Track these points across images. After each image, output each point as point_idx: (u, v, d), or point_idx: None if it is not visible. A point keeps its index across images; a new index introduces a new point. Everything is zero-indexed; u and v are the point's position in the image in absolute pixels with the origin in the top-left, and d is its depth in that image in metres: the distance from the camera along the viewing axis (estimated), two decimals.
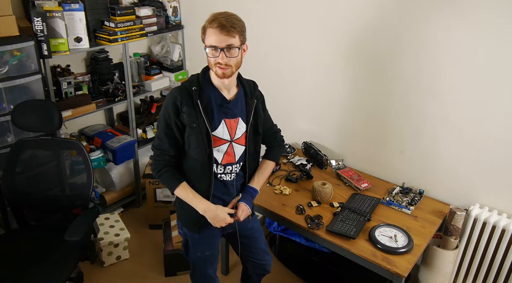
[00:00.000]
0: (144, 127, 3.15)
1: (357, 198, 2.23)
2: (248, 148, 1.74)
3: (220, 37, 1.51)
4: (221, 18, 1.52)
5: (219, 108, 1.65)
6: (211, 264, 1.92)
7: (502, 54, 1.90)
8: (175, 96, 1.61)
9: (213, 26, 1.52)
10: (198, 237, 1.80)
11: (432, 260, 2.13)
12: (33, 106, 2.16)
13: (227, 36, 1.51)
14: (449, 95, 2.11)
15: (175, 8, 3.11)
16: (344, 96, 2.51)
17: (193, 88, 1.61)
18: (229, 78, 1.60)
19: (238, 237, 1.86)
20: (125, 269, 2.67)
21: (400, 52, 2.20)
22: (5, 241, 2.15)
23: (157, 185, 2.93)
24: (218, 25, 1.50)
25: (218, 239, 1.89)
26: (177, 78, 3.25)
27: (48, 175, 2.26)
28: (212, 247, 1.87)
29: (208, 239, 1.83)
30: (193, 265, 1.93)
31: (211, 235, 1.82)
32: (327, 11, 2.40)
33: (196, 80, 1.65)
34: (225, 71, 1.56)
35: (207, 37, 1.55)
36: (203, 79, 1.65)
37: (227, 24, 1.50)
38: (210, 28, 1.53)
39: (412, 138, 2.31)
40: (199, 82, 1.64)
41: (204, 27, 1.56)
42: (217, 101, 1.65)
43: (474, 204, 2.17)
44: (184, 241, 1.87)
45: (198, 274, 1.95)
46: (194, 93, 1.61)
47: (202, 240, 1.82)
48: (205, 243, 1.83)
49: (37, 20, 2.26)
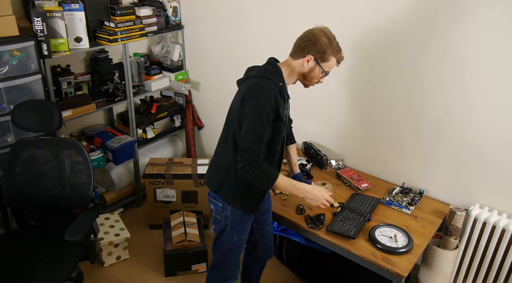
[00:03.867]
0: (144, 127, 3.15)
1: (357, 198, 2.23)
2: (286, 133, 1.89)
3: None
4: (343, 55, 1.77)
5: (286, 103, 1.81)
6: (242, 251, 1.96)
7: (502, 54, 1.90)
8: (273, 91, 1.64)
9: (339, 59, 1.76)
10: (240, 219, 1.84)
11: (432, 260, 2.14)
12: (33, 106, 2.15)
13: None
14: (449, 95, 2.11)
15: (175, 8, 3.11)
16: (344, 97, 2.51)
17: (279, 84, 1.69)
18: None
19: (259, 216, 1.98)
20: (125, 269, 2.67)
21: (400, 52, 2.20)
22: (5, 241, 2.15)
23: (157, 185, 2.93)
24: (340, 62, 1.78)
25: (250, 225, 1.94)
26: (177, 78, 3.25)
27: (48, 175, 2.26)
28: (247, 231, 1.93)
29: (248, 221, 1.89)
30: (223, 255, 1.92)
31: (250, 218, 1.89)
32: (327, 12, 2.40)
33: (278, 76, 1.73)
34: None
35: (330, 63, 1.73)
36: (281, 73, 1.75)
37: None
38: (336, 59, 1.75)
39: (412, 138, 2.31)
40: (281, 77, 1.74)
41: (330, 54, 1.71)
42: (287, 97, 1.80)
43: (474, 204, 2.17)
44: (224, 226, 1.85)
45: (225, 264, 1.94)
46: (282, 89, 1.71)
47: (243, 223, 1.86)
48: (245, 227, 1.88)
49: (37, 20, 2.26)
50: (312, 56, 1.70)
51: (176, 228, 2.67)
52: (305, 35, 1.73)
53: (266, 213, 2.04)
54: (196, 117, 3.44)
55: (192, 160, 3.10)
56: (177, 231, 2.64)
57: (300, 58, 1.72)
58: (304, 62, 1.71)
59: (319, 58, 1.70)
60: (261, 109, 1.60)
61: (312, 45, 1.69)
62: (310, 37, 1.70)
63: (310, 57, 1.70)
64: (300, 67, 1.74)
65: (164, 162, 3.05)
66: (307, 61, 1.71)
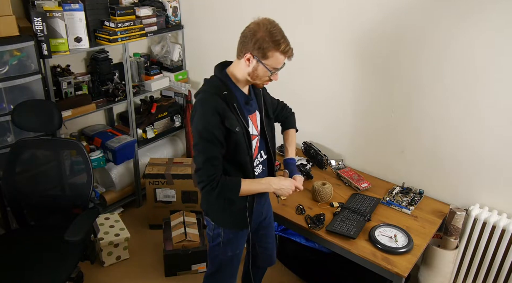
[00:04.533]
0: (144, 127, 3.15)
1: (357, 198, 2.23)
2: (267, 133, 1.77)
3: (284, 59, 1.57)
4: (291, 49, 1.55)
5: (245, 106, 1.66)
6: (238, 263, 1.93)
7: (502, 54, 1.90)
8: (215, 105, 1.55)
9: (286, 53, 1.55)
10: (234, 236, 1.80)
11: (432, 260, 2.13)
12: (33, 106, 2.16)
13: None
14: (449, 95, 2.11)
15: (175, 8, 3.11)
16: (344, 97, 2.51)
17: (224, 93, 1.58)
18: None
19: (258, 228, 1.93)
20: (125, 269, 2.67)
21: (400, 52, 2.20)
22: (5, 241, 2.15)
23: (157, 185, 2.93)
24: (290, 55, 1.56)
25: (246, 237, 1.89)
26: (177, 78, 3.25)
27: (48, 175, 2.26)
28: (243, 245, 1.90)
29: (242, 237, 1.85)
30: (219, 266, 1.89)
31: (244, 233, 1.85)
32: (327, 12, 2.40)
33: (221, 84, 1.61)
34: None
35: (274, 59, 1.53)
36: (226, 80, 1.63)
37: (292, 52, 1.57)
38: (282, 54, 1.54)
39: (412, 138, 2.31)
40: (225, 85, 1.61)
41: (270, 49, 1.51)
42: (242, 100, 1.65)
43: (474, 204, 2.17)
44: (217, 243, 1.83)
45: (221, 275, 1.92)
46: (228, 98, 1.58)
47: (237, 239, 1.83)
48: (238, 242, 1.85)
49: (37, 20, 2.26)
50: (251, 54, 1.53)
51: (176, 228, 2.67)
52: (243, 32, 1.57)
53: (267, 228, 1.98)
54: None
55: (192, 160, 3.10)
56: (177, 231, 2.64)
57: (242, 57, 1.57)
58: (245, 62, 1.56)
59: (259, 55, 1.52)
60: (202, 129, 1.54)
61: (249, 41, 1.52)
62: (247, 33, 1.54)
63: (250, 56, 1.53)
64: (243, 69, 1.59)
65: (164, 162, 3.05)
66: (247, 60, 1.55)
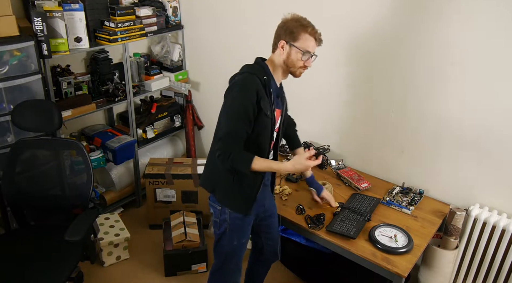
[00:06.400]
0: (144, 127, 3.15)
1: (357, 198, 2.23)
2: (280, 134, 1.89)
3: (315, 46, 1.73)
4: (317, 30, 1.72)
5: (276, 99, 1.77)
6: (243, 255, 1.95)
7: (501, 54, 1.90)
8: (256, 83, 1.66)
9: (313, 35, 1.70)
10: (240, 223, 1.83)
11: (432, 260, 2.14)
12: (33, 106, 2.15)
13: (318, 46, 1.74)
14: (449, 95, 2.11)
15: (175, 8, 3.11)
16: (344, 96, 2.51)
17: (264, 78, 1.70)
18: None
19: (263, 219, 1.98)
20: (125, 269, 2.67)
21: (400, 52, 2.20)
22: (5, 241, 2.15)
23: (157, 185, 2.93)
24: (318, 37, 1.71)
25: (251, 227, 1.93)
26: (177, 78, 3.25)
27: (48, 175, 2.26)
28: (248, 234, 1.92)
29: (248, 225, 1.88)
30: (224, 258, 1.92)
31: (250, 221, 1.88)
32: (326, 12, 2.39)
33: (263, 70, 1.73)
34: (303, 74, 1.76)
35: (304, 41, 1.68)
36: (266, 68, 1.75)
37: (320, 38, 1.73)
38: (311, 36, 1.69)
39: (412, 138, 2.31)
40: (266, 71, 1.73)
41: (298, 31, 1.68)
42: (275, 92, 1.76)
43: (474, 204, 2.17)
44: (223, 229, 1.86)
45: (226, 268, 1.93)
46: (267, 83, 1.70)
47: (242, 227, 1.85)
48: (244, 230, 1.87)
49: (37, 20, 2.26)
50: (284, 41, 1.70)
51: (176, 228, 2.67)
52: (276, 29, 1.76)
53: (270, 217, 2.02)
54: (196, 117, 3.44)
55: (192, 160, 3.10)
56: (177, 231, 2.64)
57: (277, 48, 1.73)
58: (280, 50, 1.71)
59: (290, 39, 1.69)
60: (240, 103, 1.64)
61: (281, 30, 1.71)
62: (279, 25, 1.74)
63: (283, 43, 1.70)
64: (279, 57, 1.73)
65: (164, 162, 3.05)
66: (281, 48, 1.70)
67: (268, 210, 1.99)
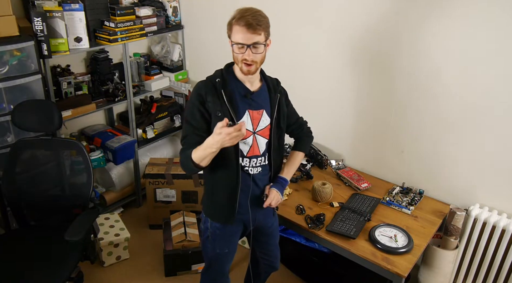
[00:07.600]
0: (144, 127, 3.15)
1: (357, 198, 2.23)
2: (272, 141, 1.76)
3: (247, 35, 1.55)
4: (247, 16, 1.54)
5: (242, 99, 1.69)
6: (227, 262, 1.93)
7: (502, 54, 1.90)
8: (200, 87, 1.67)
9: (240, 24, 1.54)
10: (220, 232, 1.81)
11: (432, 260, 2.13)
12: (33, 106, 2.15)
13: (253, 34, 1.55)
14: (449, 96, 2.11)
15: (175, 8, 3.11)
16: (344, 97, 2.51)
17: (217, 80, 1.67)
18: (253, 74, 1.66)
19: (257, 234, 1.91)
20: (125, 269, 2.67)
21: (400, 53, 2.20)
22: (5, 241, 2.15)
23: (157, 185, 2.93)
24: (245, 24, 1.53)
25: (238, 237, 1.89)
26: (177, 78, 3.25)
27: (48, 175, 2.26)
28: (232, 245, 1.88)
29: (230, 235, 1.85)
30: (210, 262, 1.92)
31: (233, 231, 1.84)
32: (326, 12, 2.40)
33: (219, 74, 1.71)
34: (250, 68, 1.61)
35: (233, 34, 1.58)
36: (226, 72, 1.71)
37: (253, 22, 1.53)
38: (237, 25, 1.55)
39: (412, 138, 2.31)
40: (222, 75, 1.70)
41: (231, 24, 1.59)
42: (240, 93, 1.69)
43: (474, 204, 2.17)
44: (206, 236, 1.86)
45: (212, 271, 1.94)
46: (218, 84, 1.66)
47: (224, 236, 1.83)
48: (226, 240, 1.85)
49: (37, 20, 2.26)
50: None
51: (176, 228, 2.67)
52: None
53: (267, 235, 1.97)
54: None
55: None
56: (177, 231, 2.64)
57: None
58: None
59: (229, 35, 1.62)
60: (187, 108, 1.69)
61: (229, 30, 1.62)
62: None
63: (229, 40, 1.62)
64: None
65: (164, 162, 3.05)
66: (230, 44, 1.62)
67: (265, 227, 1.92)
